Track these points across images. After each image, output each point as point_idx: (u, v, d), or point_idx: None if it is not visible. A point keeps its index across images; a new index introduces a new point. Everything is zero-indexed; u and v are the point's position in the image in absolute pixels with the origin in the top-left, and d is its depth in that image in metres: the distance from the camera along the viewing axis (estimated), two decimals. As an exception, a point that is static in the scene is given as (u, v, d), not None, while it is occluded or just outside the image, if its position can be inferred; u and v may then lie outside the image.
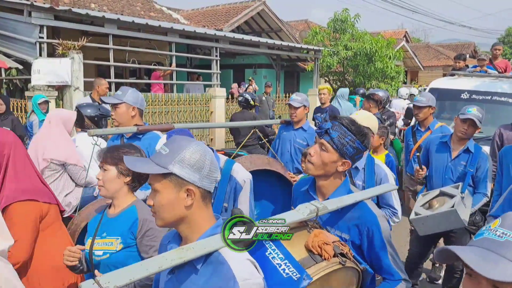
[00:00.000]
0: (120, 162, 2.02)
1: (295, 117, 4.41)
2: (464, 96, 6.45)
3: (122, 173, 2.04)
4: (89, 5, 11.96)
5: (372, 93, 6.08)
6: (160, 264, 1.25)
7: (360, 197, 1.87)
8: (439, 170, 3.54)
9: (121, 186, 2.06)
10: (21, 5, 7.13)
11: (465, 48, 26.35)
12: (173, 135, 2.41)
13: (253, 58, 17.12)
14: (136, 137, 3.12)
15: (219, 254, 1.31)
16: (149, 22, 8.61)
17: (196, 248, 1.29)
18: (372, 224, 1.80)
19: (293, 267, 1.53)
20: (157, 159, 1.34)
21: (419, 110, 4.36)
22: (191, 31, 9.27)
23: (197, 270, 1.31)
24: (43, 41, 7.05)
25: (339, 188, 1.90)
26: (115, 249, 1.96)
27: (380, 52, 13.92)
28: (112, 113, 3.12)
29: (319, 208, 1.68)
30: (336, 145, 1.82)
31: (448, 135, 3.60)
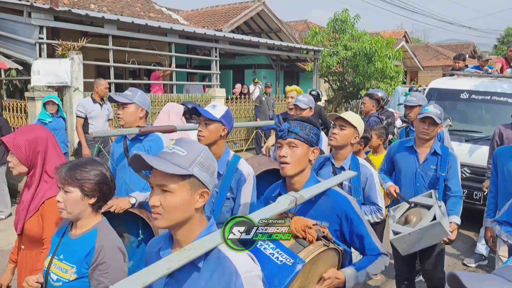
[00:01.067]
0: (85, 183, 1.86)
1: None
2: (464, 96, 6.47)
3: (87, 195, 1.88)
4: (88, 6, 11.97)
5: (372, 93, 6.08)
6: (168, 266, 1.27)
7: (330, 184, 2.02)
8: (408, 177, 3.33)
9: (85, 208, 1.90)
10: (20, 6, 7.13)
11: (464, 48, 26.36)
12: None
13: (253, 59, 17.13)
14: (138, 139, 3.12)
15: (219, 251, 1.34)
16: (148, 23, 8.63)
17: (197, 247, 1.31)
18: (347, 206, 1.94)
19: (285, 254, 1.61)
20: (175, 159, 1.32)
21: (410, 110, 4.38)
22: (191, 31, 9.28)
23: (199, 269, 1.33)
24: (43, 41, 7.06)
25: (308, 181, 2.00)
26: (68, 279, 1.84)
27: (379, 52, 13.93)
28: (119, 113, 3.09)
29: (297, 198, 1.79)
30: (302, 137, 1.95)
31: (412, 139, 3.43)
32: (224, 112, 2.63)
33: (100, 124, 6.50)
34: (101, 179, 1.90)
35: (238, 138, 10.73)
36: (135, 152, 1.44)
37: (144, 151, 3.06)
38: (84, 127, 6.39)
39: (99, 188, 1.89)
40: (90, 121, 6.40)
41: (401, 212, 3.11)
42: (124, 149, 3.16)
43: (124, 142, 3.18)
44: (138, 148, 3.09)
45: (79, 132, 6.35)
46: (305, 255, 1.62)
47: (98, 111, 6.46)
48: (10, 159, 2.26)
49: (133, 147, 3.12)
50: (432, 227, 2.81)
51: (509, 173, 3.10)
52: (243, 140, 10.96)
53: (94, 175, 1.88)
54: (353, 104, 17.87)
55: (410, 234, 2.83)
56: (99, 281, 1.81)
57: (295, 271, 1.58)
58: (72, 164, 1.91)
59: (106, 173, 1.94)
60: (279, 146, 2.01)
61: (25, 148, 2.24)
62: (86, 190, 1.87)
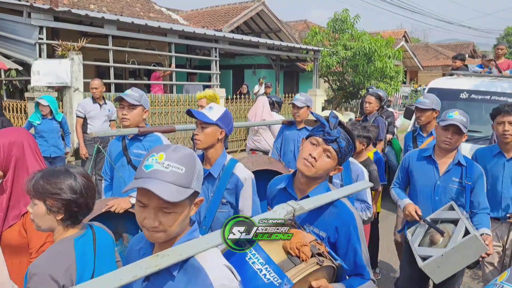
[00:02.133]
0: (47, 197, 1.65)
1: (298, 116, 4.41)
2: (463, 96, 6.47)
3: (51, 210, 1.65)
4: (88, 6, 11.97)
5: (377, 92, 6.06)
6: (134, 273, 1.20)
7: (337, 195, 1.88)
8: (426, 191, 2.98)
9: (54, 224, 1.69)
10: (20, 6, 7.14)
11: (464, 48, 26.37)
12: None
13: (252, 59, 17.14)
14: (137, 139, 3.13)
15: (195, 261, 1.28)
16: (148, 23, 8.63)
17: (171, 255, 1.25)
18: (350, 223, 1.82)
19: (274, 272, 1.53)
20: (177, 179, 1.24)
21: (422, 113, 3.89)
22: (191, 31, 9.28)
23: (173, 277, 1.28)
24: (43, 42, 7.06)
25: (319, 186, 1.91)
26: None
27: (379, 52, 13.94)
28: (125, 113, 3.06)
29: (295, 209, 1.69)
30: (341, 153, 1.84)
31: (430, 148, 3.07)
32: (221, 114, 2.53)
33: (99, 124, 6.48)
34: (68, 195, 1.66)
35: (237, 138, 10.73)
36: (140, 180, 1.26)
37: (144, 150, 3.09)
38: (83, 127, 6.40)
39: (63, 204, 1.66)
40: (89, 121, 6.39)
41: (421, 233, 2.76)
42: (123, 148, 3.18)
43: (123, 141, 3.19)
44: (137, 147, 3.12)
45: (78, 132, 6.35)
46: (294, 274, 1.54)
47: (97, 111, 6.45)
48: None
49: (132, 146, 3.14)
50: (468, 242, 2.42)
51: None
52: (242, 140, 10.97)
53: (59, 190, 1.66)
54: (353, 104, 17.90)
55: (443, 255, 2.44)
56: None
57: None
58: (41, 174, 1.70)
59: (76, 188, 1.69)
60: (314, 143, 1.88)
61: (1, 151, 2.16)
62: (49, 205, 1.65)
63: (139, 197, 1.27)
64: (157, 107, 8.73)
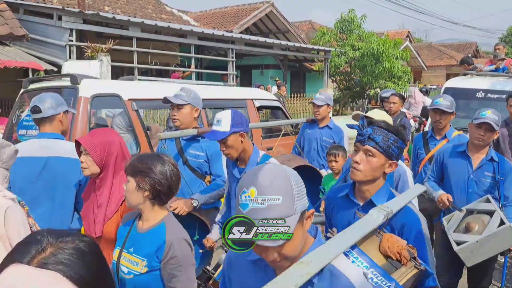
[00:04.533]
0: (138, 175, 1.87)
1: (318, 115, 4.53)
2: (479, 95, 6.73)
3: (140, 187, 1.87)
4: (103, 8, 12.21)
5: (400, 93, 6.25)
6: (295, 282, 1.21)
7: (408, 198, 1.93)
8: (460, 184, 3.16)
9: (141, 200, 1.89)
10: (50, 10, 7.39)
11: (467, 48, 26.68)
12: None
13: (260, 59, 17.37)
14: (194, 140, 3.14)
15: (333, 266, 1.28)
16: (170, 25, 8.89)
17: (315, 261, 1.26)
18: (415, 227, 1.82)
19: (381, 276, 1.54)
20: (276, 212, 1.18)
21: (443, 116, 3.71)
22: (210, 33, 9.55)
23: (313, 284, 1.25)
24: (73, 44, 7.31)
25: (380, 190, 1.92)
26: (140, 271, 1.86)
27: (387, 52, 14.22)
28: (174, 114, 3.09)
29: (388, 212, 1.72)
30: (382, 148, 1.85)
31: (464, 143, 3.23)
32: (230, 122, 2.51)
33: (128, 123, 6.77)
34: (156, 175, 1.87)
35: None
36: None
37: (202, 151, 3.10)
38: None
39: (150, 183, 1.87)
40: (119, 120, 6.65)
41: (457, 221, 2.96)
42: (179, 150, 3.19)
43: (178, 143, 3.19)
44: (195, 148, 3.13)
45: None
46: (398, 277, 1.56)
47: (127, 111, 6.72)
48: (84, 160, 2.27)
49: (189, 147, 3.15)
50: (503, 232, 2.62)
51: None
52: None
53: (148, 170, 1.87)
54: (359, 104, 18.18)
55: (478, 242, 2.63)
56: (173, 274, 1.84)
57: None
58: (139, 155, 1.98)
59: (166, 171, 1.90)
60: (356, 149, 1.92)
61: (100, 149, 2.26)
62: (138, 182, 1.87)
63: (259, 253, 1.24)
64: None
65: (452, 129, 3.85)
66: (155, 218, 1.93)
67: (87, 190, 2.43)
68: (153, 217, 1.93)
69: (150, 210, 1.93)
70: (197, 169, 3.12)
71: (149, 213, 1.93)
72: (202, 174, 3.14)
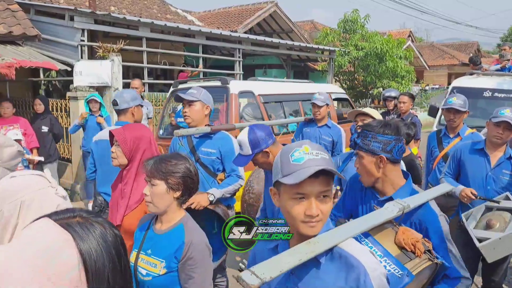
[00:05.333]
0: (170, 176, 1.88)
1: (318, 115, 4.68)
2: (487, 94, 6.83)
3: (172, 188, 1.88)
4: (109, 8, 12.29)
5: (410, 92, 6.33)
6: (299, 257, 1.29)
7: (430, 195, 1.99)
8: (478, 181, 3.22)
9: (170, 202, 1.90)
10: (62, 10, 7.47)
11: (468, 47, 26.77)
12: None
13: (264, 59, 17.45)
14: (207, 137, 3.22)
15: (340, 249, 1.33)
16: (180, 26, 8.99)
17: (322, 242, 1.31)
18: (433, 223, 1.88)
19: (394, 264, 1.60)
20: (326, 163, 1.29)
21: (457, 115, 3.81)
22: (218, 33, 9.64)
23: (319, 264, 1.32)
24: (84, 44, 7.39)
25: (403, 188, 1.99)
26: (158, 273, 1.86)
27: (390, 52, 14.32)
28: (185, 111, 3.17)
29: (405, 206, 1.78)
30: (363, 148, 1.98)
31: (482, 141, 3.32)
32: (249, 145, 2.56)
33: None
34: (186, 173, 1.91)
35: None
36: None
37: (214, 148, 3.19)
38: (125, 125, 6.75)
39: (183, 182, 1.90)
40: (130, 119, 6.74)
41: (476, 217, 3.01)
42: (191, 147, 3.26)
43: (190, 141, 3.27)
44: (208, 146, 3.22)
45: (120, 130, 6.67)
46: (411, 268, 1.61)
47: (138, 110, 6.80)
48: (114, 150, 2.40)
49: (201, 145, 3.23)
50: None
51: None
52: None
53: (179, 169, 1.89)
54: (362, 104, 18.27)
55: (501, 239, 2.68)
56: (189, 275, 1.83)
57: (403, 283, 1.57)
58: (159, 158, 1.94)
59: (191, 168, 1.95)
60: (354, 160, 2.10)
61: (130, 142, 2.37)
62: (170, 184, 1.87)
63: (299, 190, 1.27)
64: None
65: (465, 127, 3.95)
66: (173, 219, 1.93)
67: (115, 182, 2.52)
68: (173, 217, 1.93)
69: (174, 211, 1.92)
70: (210, 166, 3.20)
71: (172, 214, 1.92)
72: (214, 171, 3.22)
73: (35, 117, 6.71)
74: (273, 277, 1.24)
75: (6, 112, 6.10)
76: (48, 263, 0.75)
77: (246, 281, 1.21)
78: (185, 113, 3.16)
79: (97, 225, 0.84)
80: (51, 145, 6.66)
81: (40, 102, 6.64)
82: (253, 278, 1.22)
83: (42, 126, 6.58)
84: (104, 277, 0.81)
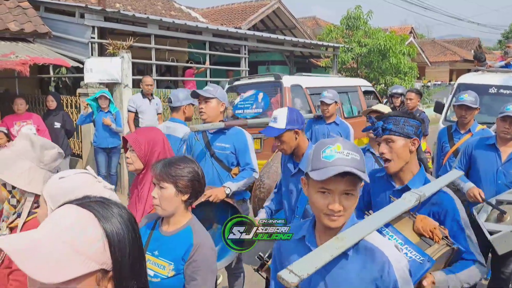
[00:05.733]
0: (179, 179, 1.90)
1: (327, 112, 4.78)
2: (492, 91, 6.92)
3: (181, 191, 1.90)
4: (114, 5, 12.36)
5: (417, 88, 6.43)
6: (331, 253, 1.37)
7: (444, 182, 2.08)
8: (489, 176, 3.29)
9: (178, 205, 1.91)
10: (72, 7, 7.55)
11: (470, 43, 26.86)
12: None
13: (266, 55, 17.50)
14: (222, 132, 3.31)
15: (366, 242, 1.41)
16: (187, 23, 9.06)
17: (350, 236, 1.39)
18: (451, 209, 1.94)
19: (414, 251, 1.67)
20: (356, 164, 1.34)
21: (468, 112, 3.89)
22: (224, 30, 9.72)
23: (347, 256, 1.39)
24: (95, 41, 7.47)
25: (416, 176, 2.05)
26: (167, 275, 1.87)
27: (394, 48, 14.39)
28: (202, 107, 3.26)
29: (421, 195, 1.86)
30: (396, 131, 2.02)
31: (493, 136, 3.41)
32: (286, 119, 2.65)
33: (150, 118, 6.96)
34: (194, 176, 1.94)
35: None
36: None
37: (228, 143, 3.28)
38: (135, 121, 6.84)
39: (191, 185, 1.92)
40: (140, 115, 6.84)
41: (487, 211, 3.07)
42: (206, 143, 3.35)
43: (205, 136, 3.35)
44: (222, 141, 3.31)
45: (131, 126, 6.77)
46: (431, 253, 1.68)
47: (147, 105, 6.91)
48: (129, 156, 2.38)
49: (216, 140, 3.32)
50: None
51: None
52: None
53: (187, 172, 1.92)
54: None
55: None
56: (192, 277, 1.84)
57: (425, 268, 1.63)
58: (167, 161, 1.96)
59: (199, 171, 1.98)
60: (378, 144, 2.11)
61: (144, 146, 2.36)
62: (180, 187, 1.88)
63: (324, 185, 1.34)
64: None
65: (476, 123, 4.03)
66: (181, 221, 1.94)
67: (133, 186, 2.53)
68: (180, 221, 1.94)
69: (182, 214, 1.93)
70: (224, 161, 3.29)
71: (180, 216, 1.93)
72: (229, 166, 3.31)
73: (47, 113, 6.82)
74: (309, 274, 1.31)
75: (20, 108, 6.21)
76: (75, 238, 0.85)
77: (287, 280, 1.29)
78: (201, 109, 3.25)
79: (113, 205, 0.94)
80: (64, 141, 6.77)
81: (53, 98, 6.75)
82: (292, 276, 1.30)
83: (54, 122, 6.69)
84: (125, 248, 0.91)
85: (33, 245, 0.83)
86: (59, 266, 0.82)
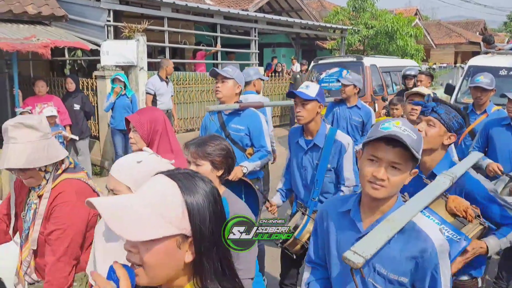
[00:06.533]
0: (215, 156, 2.01)
1: (344, 93, 4.77)
2: (503, 73, 7.05)
3: (216, 167, 2.02)
4: (122, -13, 12.38)
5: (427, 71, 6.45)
6: (387, 234, 1.45)
7: (467, 165, 2.10)
8: (505, 154, 3.44)
9: (214, 180, 2.00)
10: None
11: (475, 25, 26.71)
12: None
13: (272, 37, 17.48)
14: (236, 114, 3.37)
15: (414, 223, 1.48)
16: (200, 6, 9.12)
17: (399, 219, 1.47)
18: (478, 189, 1.98)
19: (451, 231, 1.74)
20: (411, 142, 1.39)
21: (484, 93, 3.99)
22: (235, 13, 9.79)
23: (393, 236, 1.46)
24: (111, 24, 7.57)
25: (442, 161, 2.07)
26: None
27: (401, 30, 14.41)
28: (218, 85, 3.32)
29: (453, 177, 1.90)
30: (443, 119, 2.03)
31: (508, 117, 3.55)
32: (318, 90, 2.75)
33: (166, 100, 7.14)
34: (227, 153, 2.06)
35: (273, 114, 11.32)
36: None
37: (243, 125, 3.36)
38: (153, 103, 7.00)
39: (226, 161, 2.05)
40: (158, 97, 7.01)
41: (501, 186, 3.17)
42: (221, 123, 3.42)
43: (220, 117, 3.43)
44: (236, 122, 3.38)
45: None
46: (466, 232, 1.76)
47: (165, 88, 7.07)
48: (132, 136, 2.41)
49: (231, 122, 3.39)
50: None
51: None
52: (277, 116, 11.57)
53: (221, 149, 2.04)
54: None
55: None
56: None
57: (462, 247, 1.72)
58: (200, 140, 2.08)
59: (230, 148, 2.09)
60: (418, 122, 2.10)
61: (147, 126, 2.39)
62: (215, 163, 2.01)
63: (373, 152, 1.42)
64: (205, 85, 9.30)
65: (491, 104, 4.13)
66: None
67: None
68: None
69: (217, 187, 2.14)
70: (239, 142, 3.38)
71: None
72: (243, 146, 3.41)
73: (67, 95, 6.96)
74: (372, 254, 1.41)
75: (41, 90, 6.36)
76: (160, 203, 0.95)
77: (353, 260, 1.40)
78: (218, 88, 3.32)
79: (197, 177, 1.02)
80: (83, 122, 6.94)
81: (72, 81, 6.88)
82: (357, 257, 1.40)
83: (74, 104, 6.84)
84: (205, 218, 0.97)
85: (122, 206, 0.95)
86: (143, 226, 0.91)
